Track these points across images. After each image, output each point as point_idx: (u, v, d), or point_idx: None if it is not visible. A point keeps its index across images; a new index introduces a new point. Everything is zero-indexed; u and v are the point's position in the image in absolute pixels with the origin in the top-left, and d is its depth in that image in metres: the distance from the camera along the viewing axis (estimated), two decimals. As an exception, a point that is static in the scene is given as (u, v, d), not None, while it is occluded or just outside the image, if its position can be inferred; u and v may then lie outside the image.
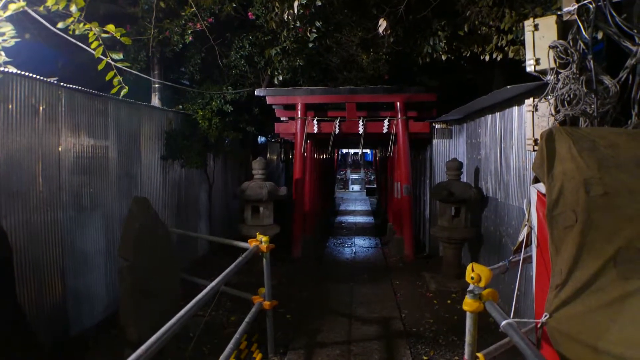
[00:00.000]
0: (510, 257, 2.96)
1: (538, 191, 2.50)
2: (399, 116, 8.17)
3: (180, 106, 7.99)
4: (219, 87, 8.18)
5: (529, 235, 2.67)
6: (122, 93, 3.82)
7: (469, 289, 2.49)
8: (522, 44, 5.24)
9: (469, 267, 2.54)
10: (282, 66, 6.71)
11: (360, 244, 10.05)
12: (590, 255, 2.12)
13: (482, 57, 5.75)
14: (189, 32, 7.02)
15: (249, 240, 4.30)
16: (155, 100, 7.84)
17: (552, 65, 3.37)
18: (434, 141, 8.49)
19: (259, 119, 9.47)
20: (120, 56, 3.82)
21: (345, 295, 6.27)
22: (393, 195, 10.18)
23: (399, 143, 8.31)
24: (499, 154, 5.98)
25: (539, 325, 2.20)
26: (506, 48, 5.44)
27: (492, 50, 5.62)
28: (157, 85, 7.88)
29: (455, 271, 6.76)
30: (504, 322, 2.13)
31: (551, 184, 2.33)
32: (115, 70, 3.76)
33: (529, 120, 3.56)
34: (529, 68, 3.56)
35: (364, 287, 6.65)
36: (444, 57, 5.89)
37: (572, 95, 3.27)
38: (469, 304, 2.46)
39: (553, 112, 3.36)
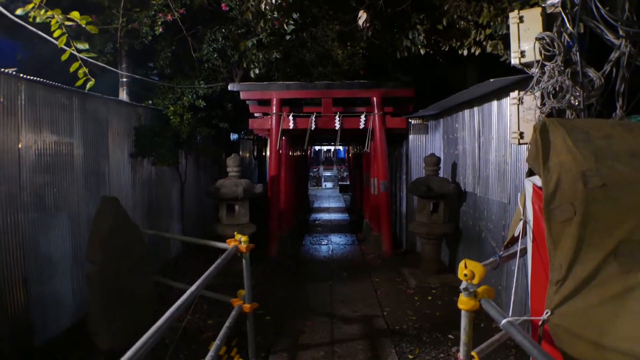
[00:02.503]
0: (501, 253, 2.89)
1: (534, 184, 2.43)
2: (376, 111, 8.10)
3: (150, 101, 7.66)
4: (190, 81, 7.89)
5: (522, 229, 2.61)
6: (88, 85, 3.55)
7: (462, 287, 2.40)
8: (501, 38, 5.25)
9: (461, 264, 2.44)
10: (258, 59, 6.49)
11: (337, 242, 9.96)
12: (591, 249, 2.06)
13: (460, 52, 5.73)
14: (159, 23, 6.70)
15: (227, 241, 4.10)
16: (124, 95, 7.48)
17: (538, 57, 3.34)
18: (410, 137, 8.47)
19: (232, 115, 9.22)
20: (86, 46, 3.55)
21: (325, 294, 6.14)
22: (369, 192, 10.13)
23: (375, 139, 8.24)
24: (478, 148, 5.98)
25: (539, 323, 2.13)
26: (484, 42, 5.43)
27: (470, 45, 5.60)
28: (125, 80, 7.51)
29: (434, 267, 6.74)
30: (504, 321, 2.04)
31: (547, 177, 2.26)
32: (80, 61, 3.50)
33: (514, 113, 3.52)
34: (514, 61, 3.51)
35: (343, 285, 6.55)
36: (422, 51, 5.83)
37: (558, 88, 3.24)
38: (464, 302, 2.36)
39: (539, 104, 3.32)
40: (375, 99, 8.07)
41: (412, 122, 8.42)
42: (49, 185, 4.63)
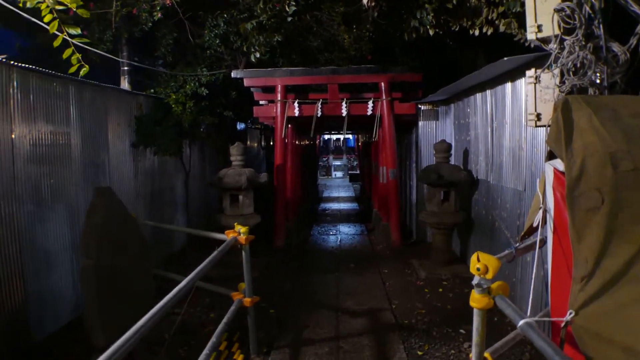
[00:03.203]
0: (517, 244, 2.67)
1: (555, 168, 2.19)
2: (384, 97, 7.82)
3: (152, 90, 7.48)
4: (192, 69, 7.68)
5: (542, 218, 2.37)
6: (81, 72, 3.37)
7: (475, 283, 2.18)
8: (514, 16, 4.94)
9: (473, 257, 2.22)
10: (259, 42, 6.24)
11: (345, 232, 9.76)
12: (621, 240, 1.83)
13: (471, 32, 5.42)
14: (158, 8, 6.48)
15: (226, 232, 3.94)
16: (125, 84, 7.33)
17: (557, 31, 3.06)
18: (420, 123, 8.19)
19: (236, 103, 9.00)
20: (78, 31, 3.36)
21: (332, 286, 5.96)
22: (378, 181, 9.90)
23: (384, 125, 7.98)
24: (490, 134, 5.71)
25: (562, 324, 1.91)
26: (497, 21, 5.12)
27: (482, 24, 5.29)
28: (126, 68, 7.35)
29: (445, 257, 6.51)
30: (521, 322, 1.82)
31: (571, 160, 2.02)
32: (73, 47, 3.32)
33: (531, 93, 3.25)
34: (530, 35, 3.23)
35: (351, 277, 6.36)
36: (431, 32, 5.53)
37: (579, 64, 2.97)
38: (477, 299, 2.15)
39: (558, 83, 3.06)
40: (382, 84, 7.79)
41: (422, 108, 8.14)
42: (45, 176, 4.49)
